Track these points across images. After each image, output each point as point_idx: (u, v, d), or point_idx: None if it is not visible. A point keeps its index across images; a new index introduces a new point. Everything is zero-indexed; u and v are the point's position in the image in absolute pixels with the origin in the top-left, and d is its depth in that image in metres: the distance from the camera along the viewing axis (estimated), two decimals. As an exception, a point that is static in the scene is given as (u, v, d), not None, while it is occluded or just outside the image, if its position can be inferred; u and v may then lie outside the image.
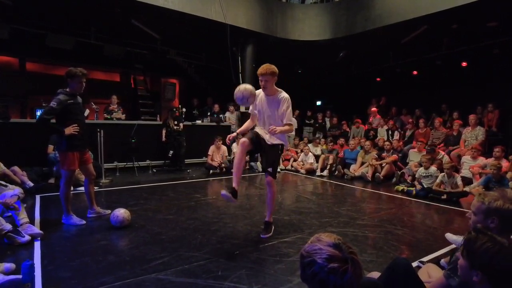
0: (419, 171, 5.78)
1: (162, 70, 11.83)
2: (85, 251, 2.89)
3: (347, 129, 9.79)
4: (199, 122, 8.84)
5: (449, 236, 3.28)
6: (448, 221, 4.22)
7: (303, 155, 8.18)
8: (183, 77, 12.07)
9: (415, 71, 10.25)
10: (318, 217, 4.11)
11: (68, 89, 3.51)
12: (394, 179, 6.45)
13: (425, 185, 5.51)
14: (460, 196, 5.08)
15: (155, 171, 7.44)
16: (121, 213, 3.50)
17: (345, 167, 7.31)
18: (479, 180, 5.36)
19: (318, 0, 9.74)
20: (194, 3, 7.36)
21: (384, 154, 7.14)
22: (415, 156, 6.75)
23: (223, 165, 7.37)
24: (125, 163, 7.17)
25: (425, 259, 2.78)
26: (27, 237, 2.98)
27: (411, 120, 8.64)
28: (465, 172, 5.96)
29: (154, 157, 7.74)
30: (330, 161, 7.63)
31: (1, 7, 6.73)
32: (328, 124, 10.67)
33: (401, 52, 9.77)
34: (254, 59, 9.10)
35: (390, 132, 8.61)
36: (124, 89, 11.48)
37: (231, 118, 9.36)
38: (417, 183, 5.65)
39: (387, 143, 7.39)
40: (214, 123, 8.86)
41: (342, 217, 4.10)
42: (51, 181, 5.62)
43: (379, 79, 11.67)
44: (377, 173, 6.69)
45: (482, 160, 5.82)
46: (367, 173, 6.80)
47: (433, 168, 5.64)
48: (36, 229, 3.21)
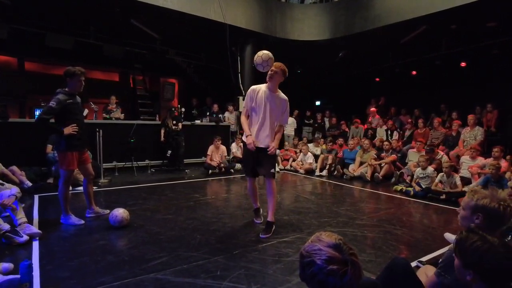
0: (416, 171, 5.79)
1: (161, 70, 11.83)
2: (83, 251, 2.88)
3: (346, 129, 9.80)
4: (198, 122, 8.84)
5: (448, 236, 3.29)
6: (447, 221, 4.21)
7: (302, 155, 8.18)
8: (182, 77, 12.06)
9: (414, 71, 10.27)
10: (317, 217, 4.12)
11: (67, 89, 3.49)
12: (393, 179, 6.46)
13: (423, 186, 5.52)
14: (459, 196, 5.07)
15: (153, 171, 7.43)
16: (120, 213, 3.49)
17: (344, 167, 7.31)
18: (478, 180, 5.36)
19: (317, 0, 9.74)
20: (193, 2, 7.35)
21: (383, 154, 7.15)
22: (414, 156, 6.75)
23: (222, 165, 7.37)
24: (124, 163, 7.16)
25: (424, 259, 2.79)
26: (25, 237, 2.98)
27: (410, 120, 8.65)
28: (464, 172, 5.97)
29: (153, 157, 7.74)
30: (329, 161, 7.63)
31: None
32: (327, 124, 10.67)
33: (400, 52, 9.78)
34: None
35: (389, 132, 8.61)
36: (123, 89, 11.47)
37: (230, 118, 9.36)
38: (415, 184, 5.65)
39: (386, 143, 7.39)
40: (213, 123, 8.86)
41: (341, 217, 4.11)
42: (50, 180, 5.61)
43: (378, 79, 11.69)
44: (376, 173, 6.70)
45: (481, 160, 5.82)
46: (366, 173, 6.80)
47: (430, 169, 5.64)
48: (35, 228, 3.20)
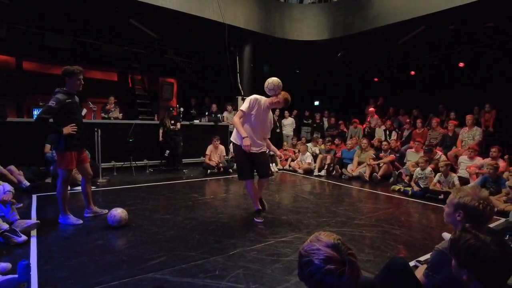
0: (416, 171, 5.80)
1: (160, 70, 11.82)
2: (82, 250, 2.88)
3: (345, 129, 9.80)
4: (197, 121, 8.84)
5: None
6: (445, 220, 4.22)
7: (301, 155, 8.18)
8: (181, 76, 12.05)
9: (413, 71, 10.28)
10: (315, 216, 4.12)
11: (66, 88, 3.48)
12: (392, 179, 6.47)
13: (421, 186, 5.53)
14: (457, 196, 5.08)
15: (152, 170, 7.42)
16: (118, 212, 3.49)
17: (342, 167, 7.32)
18: (476, 180, 5.38)
19: (316, 0, 9.75)
20: (192, 2, 7.35)
21: (382, 154, 7.16)
22: (412, 156, 6.77)
23: (220, 164, 7.37)
24: (123, 163, 7.14)
25: (422, 258, 2.79)
26: (24, 237, 2.97)
27: (408, 120, 8.66)
28: (462, 172, 5.98)
29: (152, 157, 7.73)
30: (328, 161, 7.63)
31: (-2, 6, 6.71)
32: (326, 124, 10.67)
33: (399, 52, 9.79)
34: (252, 59, 9.10)
35: (387, 132, 8.62)
36: (121, 88, 11.47)
37: (229, 118, 9.34)
38: (414, 184, 5.66)
39: (384, 143, 7.40)
40: (212, 123, 8.85)
41: (339, 217, 4.11)
42: (48, 180, 5.59)
43: (377, 79, 11.70)
44: (375, 173, 6.71)
45: (479, 160, 5.84)
46: (364, 173, 6.82)
47: (428, 168, 5.66)
48: (30, 220, 3.25)
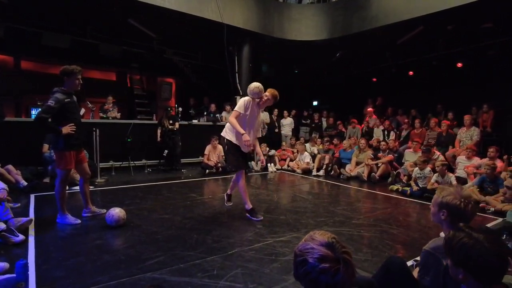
0: (414, 171, 5.82)
1: (159, 70, 11.80)
2: (80, 250, 2.88)
3: (343, 129, 9.82)
4: (195, 121, 8.83)
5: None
6: (443, 220, 4.23)
7: (299, 155, 8.19)
8: (180, 76, 12.03)
9: (411, 72, 10.30)
10: (314, 216, 4.13)
11: (64, 88, 3.47)
12: (390, 179, 6.48)
13: (420, 185, 5.55)
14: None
15: (150, 170, 7.42)
16: (117, 212, 3.49)
17: (341, 167, 7.34)
18: (474, 180, 5.41)
19: (315, 0, 9.75)
20: (190, 2, 7.34)
21: (380, 154, 7.17)
22: (410, 156, 6.79)
23: (219, 164, 7.37)
24: (121, 163, 7.14)
25: (419, 258, 2.79)
26: (21, 236, 2.97)
27: (406, 120, 8.68)
28: (460, 172, 6.01)
29: (150, 157, 7.72)
30: (326, 161, 7.65)
31: (-4, 5, 6.68)
32: (324, 124, 10.69)
33: (398, 53, 9.81)
34: (251, 59, 9.09)
35: (386, 132, 8.64)
36: (120, 88, 11.44)
37: (227, 117, 9.33)
38: (413, 183, 5.67)
39: (383, 143, 7.42)
40: (210, 123, 8.86)
41: (337, 217, 4.12)
42: (46, 180, 5.58)
43: (375, 79, 11.72)
44: (373, 173, 6.73)
45: (476, 160, 5.86)
46: (363, 173, 6.83)
47: (427, 168, 5.67)
48: (24, 218, 3.26)
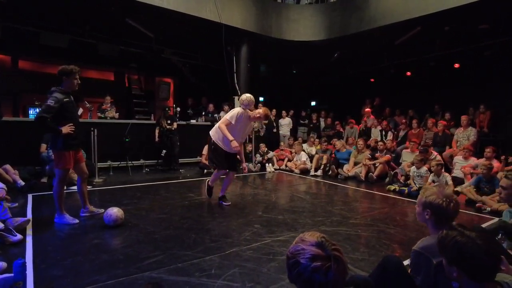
0: (411, 170, 5.84)
1: (157, 69, 11.78)
2: (78, 250, 2.88)
3: (341, 129, 9.85)
4: (193, 121, 8.83)
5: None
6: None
7: (297, 155, 8.20)
8: (178, 76, 12.03)
9: (409, 72, 10.34)
10: (311, 216, 4.14)
11: (62, 87, 3.46)
12: (387, 179, 6.50)
13: (417, 185, 5.57)
14: (451, 196, 5.12)
15: (148, 170, 7.42)
16: (115, 212, 3.49)
17: (338, 167, 7.35)
18: (470, 180, 5.44)
19: (313, 1, 9.78)
20: (189, 2, 7.34)
21: (378, 154, 7.20)
22: (408, 156, 6.81)
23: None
24: (119, 163, 7.13)
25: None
26: (19, 236, 2.97)
27: (404, 121, 8.71)
28: (456, 172, 6.05)
29: (148, 157, 7.72)
30: (324, 161, 7.67)
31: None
32: (322, 124, 10.71)
33: (396, 53, 9.84)
34: (249, 59, 9.10)
35: (383, 133, 8.67)
36: (118, 88, 11.42)
37: (225, 118, 9.34)
38: (413, 183, 5.69)
39: (380, 143, 7.44)
40: (208, 123, 8.84)
41: (335, 216, 4.14)
42: (44, 180, 5.57)
43: (373, 79, 11.75)
44: (371, 173, 6.75)
45: (473, 161, 5.90)
46: (360, 173, 6.85)
47: (424, 168, 5.70)
48: (22, 218, 3.26)
